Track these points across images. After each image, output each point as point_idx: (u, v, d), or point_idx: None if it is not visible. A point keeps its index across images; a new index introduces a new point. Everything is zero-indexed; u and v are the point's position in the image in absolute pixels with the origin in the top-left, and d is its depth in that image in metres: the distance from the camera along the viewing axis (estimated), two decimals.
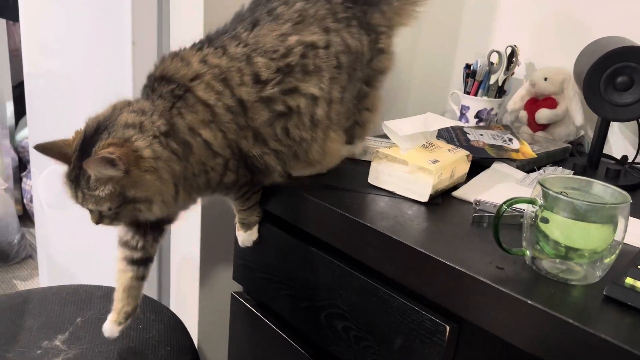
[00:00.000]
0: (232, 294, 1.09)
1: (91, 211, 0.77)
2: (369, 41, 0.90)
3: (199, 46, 0.83)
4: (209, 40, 0.83)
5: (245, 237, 0.96)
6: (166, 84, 0.78)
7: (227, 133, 0.80)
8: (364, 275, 0.80)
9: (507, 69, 1.23)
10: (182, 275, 1.30)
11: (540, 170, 1.01)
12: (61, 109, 1.55)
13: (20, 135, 2.57)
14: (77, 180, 0.75)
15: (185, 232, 1.23)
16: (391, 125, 0.85)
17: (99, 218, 0.78)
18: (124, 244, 0.88)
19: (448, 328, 0.69)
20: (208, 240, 1.20)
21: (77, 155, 0.75)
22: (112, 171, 0.71)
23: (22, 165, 2.62)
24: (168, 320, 1.04)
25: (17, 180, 2.59)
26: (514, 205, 0.64)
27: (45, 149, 0.76)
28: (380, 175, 0.87)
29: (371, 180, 0.89)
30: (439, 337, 0.70)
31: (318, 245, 0.87)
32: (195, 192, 0.83)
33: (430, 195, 0.83)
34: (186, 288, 1.28)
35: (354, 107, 0.94)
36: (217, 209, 1.19)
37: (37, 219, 1.92)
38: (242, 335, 1.09)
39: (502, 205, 0.63)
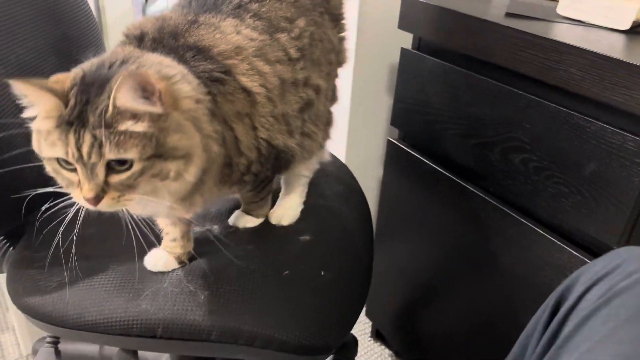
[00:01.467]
0: (388, 139, 1.11)
1: (93, 174, 0.52)
2: (336, 33, 0.84)
3: (210, 12, 0.67)
4: (209, 8, 0.68)
5: (252, 221, 0.83)
6: (202, 59, 0.61)
7: (260, 130, 0.67)
8: (555, 102, 0.78)
9: None
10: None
11: None
12: None
13: (151, 10, 2.66)
14: (82, 119, 0.51)
15: None
16: None
17: (102, 188, 0.53)
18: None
19: None
20: (358, 86, 1.23)
21: (79, 89, 0.53)
22: (146, 104, 0.52)
23: None
24: (337, 163, 1.09)
25: None
26: None
27: (25, 84, 0.52)
28: (574, 3, 0.82)
29: (561, 9, 0.84)
30: None
31: (498, 76, 0.85)
32: (217, 184, 0.66)
33: (633, 22, 0.77)
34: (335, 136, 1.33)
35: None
36: (370, 54, 1.19)
37: None
38: (397, 179, 1.13)
39: None
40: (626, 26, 0.78)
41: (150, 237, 0.76)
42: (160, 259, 0.75)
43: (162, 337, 0.70)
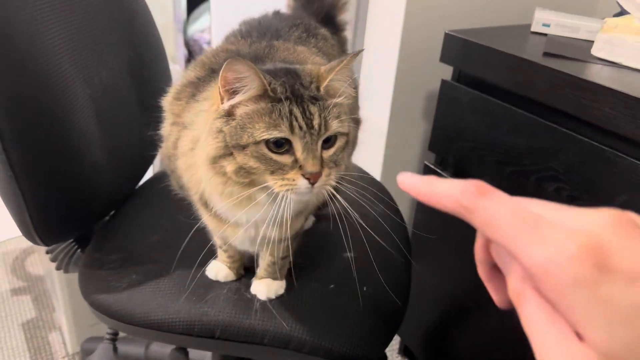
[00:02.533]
0: (425, 163, 1.18)
1: (314, 146, 0.54)
2: None
3: (279, 40, 0.73)
4: (274, 36, 0.75)
5: (274, 287, 0.80)
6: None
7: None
8: (589, 137, 0.83)
9: None
10: (367, 142, 1.40)
11: None
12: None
13: (192, 29, 2.78)
14: (296, 95, 0.54)
15: (376, 101, 1.33)
16: None
17: (321, 163, 0.55)
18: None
19: None
20: (396, 111, 1.29)
21: (265, 72, 0.55)
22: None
23: (190, 59, 2.85)
24: (377, 186, 1.15)
25: None
26: None
27: (246, 64, 0.52)
28: (608, 46, 0.88)
29: (596, 51, 0.90)
30: None
31: (535, 110, 0.91)
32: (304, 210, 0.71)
33: None
34: (371, 159, 1.40)
35: None
36: (410, 77, 1.26)
37: None
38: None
39: None
40: None
41: (211, 247, 0.83)
42: (220, 270, 0.82)
43: (219, 338, 0.76)
